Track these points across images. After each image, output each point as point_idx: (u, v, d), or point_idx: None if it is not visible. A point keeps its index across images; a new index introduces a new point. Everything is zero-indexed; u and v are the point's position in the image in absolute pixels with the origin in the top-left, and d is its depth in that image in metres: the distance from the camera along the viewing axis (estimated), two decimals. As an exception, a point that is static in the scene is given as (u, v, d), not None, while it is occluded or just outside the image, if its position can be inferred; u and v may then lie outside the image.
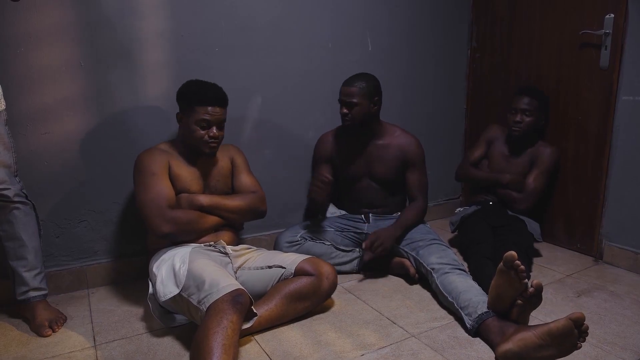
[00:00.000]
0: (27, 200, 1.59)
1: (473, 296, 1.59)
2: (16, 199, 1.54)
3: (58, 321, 1.63)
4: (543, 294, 1.43)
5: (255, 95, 2.16)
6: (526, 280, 1.41)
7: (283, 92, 2.22)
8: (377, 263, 2.04)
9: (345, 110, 1.98)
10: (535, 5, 2.40)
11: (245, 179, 1.85)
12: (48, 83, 1.76)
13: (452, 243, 2.41)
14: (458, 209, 2.46)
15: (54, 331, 1.60)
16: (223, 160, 1.85)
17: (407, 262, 1.97)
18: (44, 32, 1.72)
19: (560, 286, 1.94)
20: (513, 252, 1.39)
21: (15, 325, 1.65)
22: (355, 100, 1.95)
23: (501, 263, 1.42)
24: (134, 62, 1.89)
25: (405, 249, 1.98)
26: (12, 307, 1.69)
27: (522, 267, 1.38)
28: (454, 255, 1.86)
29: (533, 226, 2.20)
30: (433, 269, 1.79)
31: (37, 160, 1.79)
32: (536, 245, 2.30)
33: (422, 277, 1.93)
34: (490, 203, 2.33)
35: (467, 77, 2.83)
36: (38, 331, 1.59)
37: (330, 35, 2.30)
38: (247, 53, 2.10)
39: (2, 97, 1.48)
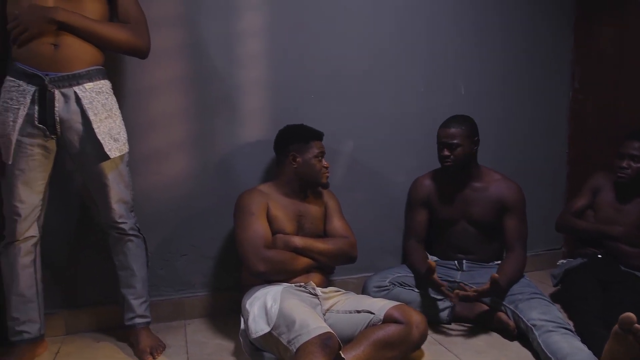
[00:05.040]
0: (139, 234, 1.75)
1: (582, 360, 1.44)
2: (131, 232, 1.71)
3: (158, 349, 1.73)
4: (669, 364, 1.26)
5: (347, 140, 2.22)
6: (648, 347, 1.25)
7: (375, 136, 2.26)
8: (471, 314, 1.94)
9: (446, 153, 1.96)
10: (647, 43, 2.24)
11: (337, 224, 1.89)
12: (161, 128, 1.96)
13: (554, 298, 2.21)
14: (561, 261, 2.28)
15: (154, 358, 1.70)
16: (317, 203, 1.91)
17: (504, 315, 1.84)
18: (163, 83, 1.94)
19: (690, 357, 1.69)
20: (631, 314, 1.25)
21: (121, 349, 1.78)
22: (456, 142, 1.94)
23: (616, 325, 1.28)
24: (235, 109, 2.05)
25: (503, 302, 1.86)
26: (121, 331, 1.83)
27: (643, 331, 1.23)
28: (558, 312, 1.71)
29: (652, 284, 1.96)
30: (534, 325, 1.66)
31: (148, 198, 1.96)
32: (656, 307, 2.04)
33: (521, 334, 1.79)
34: (599, 256, 2.13)
35: (569, 120, 2.68)
36: (141, 356, 1.70)
37: (422, 80, 2.32)
38: (341, 99, 2.18)
39: (127, 141, 1.67)
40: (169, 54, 1.93)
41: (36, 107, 1.53)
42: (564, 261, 2.25)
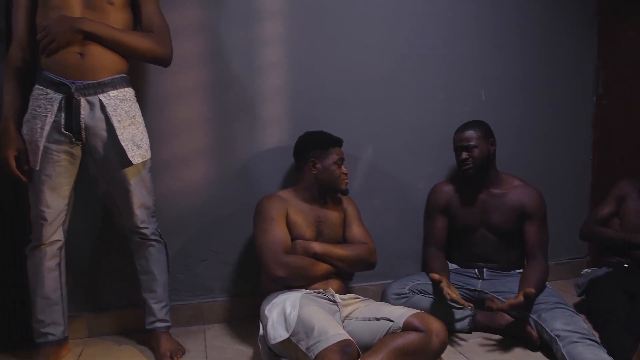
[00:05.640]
0: (160, 239, 1.77)
1: (608, 372, 1.41)
2: (152, 237, 1.74)
3: (178, 353, 1.75)
4: (702, 379, 1.22)
5: (367, 146, 2.22)
6: (678, 360, 1.21)
7: (394, 143, 2.25)
8: (492, 323, 1.91)
9: (465, 155, 1.97)
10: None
11: (356, 230, 1.89)
12: (182, 135, 1.99)
13: (579, 308, 2.16)
14: (585, 270, 2.23)
15: (174, 362, 1.72)
16: (336, 209, 1.91)
17: (527, 325, 1.80)
18: (184, 91, 1.98)
19: None
20: (660, 326, 1.21)
21: (141, 352, 1.81)
22: (473, 143, 1.96)
23: (645, 337, 1.24)
24: (255, 115, 2.07)
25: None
26: (141, 335, 1.86)
27: (673, 344, 1.20)
28: (582, 322, 1.67)
29: (682, 295, 1.90)
30: (558, 336, 1.62)
31: (169, 204, 1.99)
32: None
33: (544, 344, 1.75)
34: (625, 265, 2.07)
35: (593, 125, 2.62)
36: (160, 360, 1.72)
37: (442, 86, 2.30)
38: (360, 105, 2.18)
39: (149, 147, 1.70)
40: (190, 62, 1.97)
41: (63, 115, 1.57)
42: (589, 270, 2.20)
